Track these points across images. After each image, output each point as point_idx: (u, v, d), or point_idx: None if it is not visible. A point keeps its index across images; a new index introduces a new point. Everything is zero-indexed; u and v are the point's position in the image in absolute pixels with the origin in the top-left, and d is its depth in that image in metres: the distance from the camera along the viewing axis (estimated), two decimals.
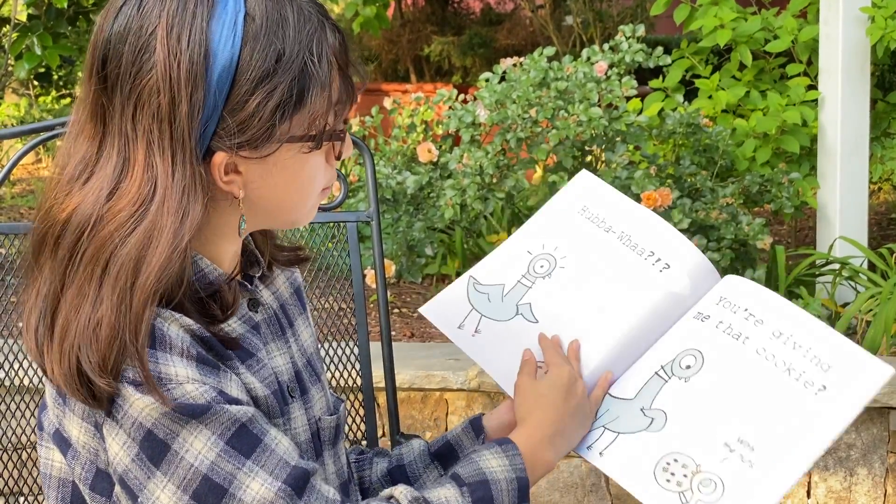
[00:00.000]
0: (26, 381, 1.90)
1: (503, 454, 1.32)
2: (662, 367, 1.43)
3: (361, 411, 2.02)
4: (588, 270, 1.50)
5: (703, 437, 1.36)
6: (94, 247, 1.15)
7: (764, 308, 1.43)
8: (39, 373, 1.91)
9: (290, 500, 1.17)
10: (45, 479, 1.27)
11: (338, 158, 1.26)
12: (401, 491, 1.26)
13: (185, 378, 1.15)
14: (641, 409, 1.41)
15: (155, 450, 1.15)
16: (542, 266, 1.52)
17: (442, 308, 1.53)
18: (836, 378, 1.37)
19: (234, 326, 1.26)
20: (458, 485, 1.28)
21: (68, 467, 1.23)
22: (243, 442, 1.17)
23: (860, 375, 1.36)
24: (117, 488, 1.19)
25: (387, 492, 1.27)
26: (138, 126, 1.16)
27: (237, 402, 1.18)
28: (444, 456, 1.48)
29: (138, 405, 1.14)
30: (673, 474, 1.35)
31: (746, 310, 1.43)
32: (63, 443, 1.22)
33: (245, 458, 1.16)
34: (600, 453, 1.40)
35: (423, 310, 1.52)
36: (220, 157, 1.17)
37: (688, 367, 1.41)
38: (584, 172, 1.57)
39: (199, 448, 1.15)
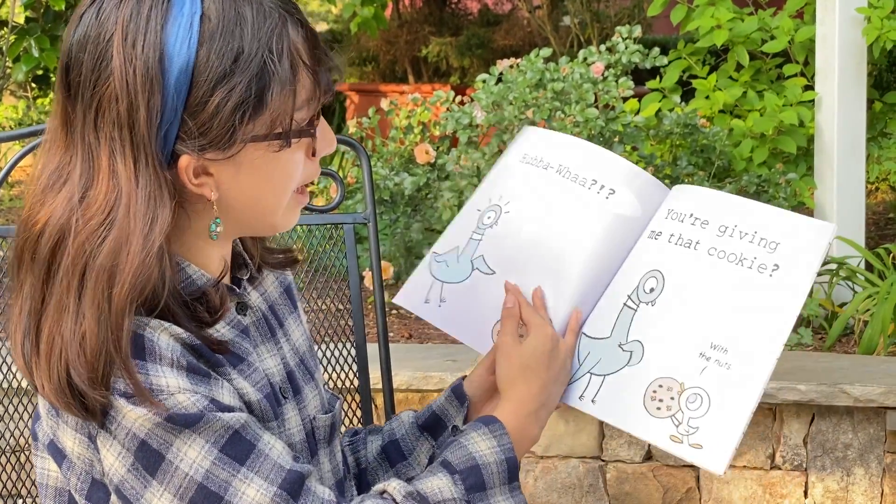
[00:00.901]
0: (24, 384, 1.90)
1: (491, 435, 1.32)
2: (629, 297, 1.42)
3: (359, 412, 2.02)
4: (532, 210, 1.48)
5: (679, 355, 1.36)
6: (70, 258, 1.15)
7: (706, 208, 1.42)
8: None
9: None
10: (42, 488, 1.27)
11: (314, 155, 1.24)
12: (394, 486, 1.26)
13: (177, 388, 1.15)
14: (620, 346, 1.40)
15: (150, 460, 1.15)
16: (489, 217, 1.50)
17: (411, 292, 1.53)
18: (784, 253, 1.37)
19: (223, 332, 1.26)
20: (449, 472, 1.28)
21: (64, 478, 1.23)
22: (237, 449, 1.17)
23: (805, 242, 1.37)
24: (113, 498, 1.19)
25: (379, 486, 1.28)
26: (101, 133, 1.15)
27: (230, 409, 1.18)
28: (432, 427, 1.48)
29: (131, 416, 1.14)
30: (661, 400, 1.35)
31: (692, 215, 1.42)
32: (58, 454, 1.22)
33: (240, 465, 1.16)
34: (592, 401, 1.40)
35: (396, 300, 1.52)
36: (185, 161, 1.16)
37: (651, 289, 1.41)
38: (526, 128, 1.56)
39: (193, 457, 1.15)
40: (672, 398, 1.35)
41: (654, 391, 1.36)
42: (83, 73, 1.16)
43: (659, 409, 1.35)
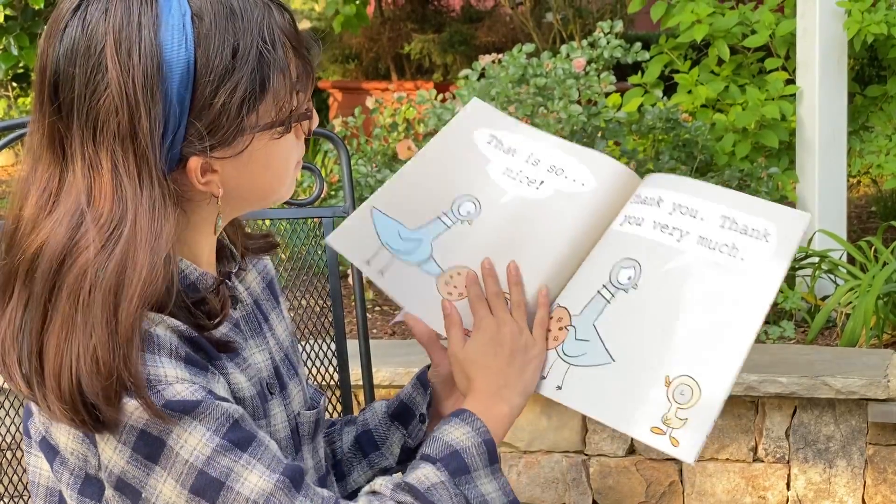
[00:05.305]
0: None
1: (463, 423, 1.32)
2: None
3: (339, 408, 2.02)
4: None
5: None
6: (74, 276, 1.12)
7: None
8: None
9: (288, 492, 1.16)
10: (34, 486, 1.25)
11: (307, 134, 1.25)
12: (380, 483, 1.26)
13: (175, 378, 1.14)
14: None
15: (151, 448, 1.14)
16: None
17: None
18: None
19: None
20: (431, 462, 1.28)
21: (55, 474, 1.21)
22: (238, 435, 1.15)
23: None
24: (108, 492, 1.18)
25: (367, 488, 1.27)
26: (100, 148, 1.13)
27: (226, 400, 1.17)
28: (402, 415, 1.48)
29: (128, 408, 1.12)
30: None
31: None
32: (50, 450, 1.21)
33: (241, 452, 1.15)
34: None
35: (329, 240, 1.48)
36: (195, 162, 1.16)
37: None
38: (475, 100, 1.51)
39: (193, 444, 1.14)
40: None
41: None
42: (76, 87, 1.13)
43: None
